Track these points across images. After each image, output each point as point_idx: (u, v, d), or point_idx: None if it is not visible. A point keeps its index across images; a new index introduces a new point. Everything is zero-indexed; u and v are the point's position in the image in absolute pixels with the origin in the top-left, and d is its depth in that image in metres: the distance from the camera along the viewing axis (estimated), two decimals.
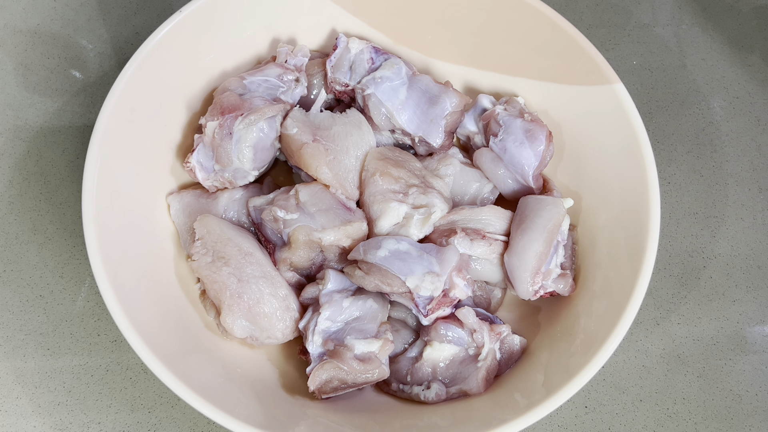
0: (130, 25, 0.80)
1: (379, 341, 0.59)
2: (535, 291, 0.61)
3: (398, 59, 0.67)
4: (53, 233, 0.70)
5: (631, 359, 0.68)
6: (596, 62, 0.63)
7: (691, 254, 0.72)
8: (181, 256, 0.65)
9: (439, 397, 0.60)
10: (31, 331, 0.66)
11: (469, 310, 0.61)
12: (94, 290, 0.68)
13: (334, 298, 0.60)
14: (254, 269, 0.61)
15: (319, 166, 0.64)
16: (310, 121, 0.65)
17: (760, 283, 0.71)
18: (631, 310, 0.55)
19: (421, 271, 0.59)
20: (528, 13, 0.65)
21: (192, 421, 0.64)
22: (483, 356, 0.60)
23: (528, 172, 0.65)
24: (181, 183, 0.68)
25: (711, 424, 0.66)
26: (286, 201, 0.63)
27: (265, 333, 0.60)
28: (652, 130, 0.78)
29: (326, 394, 0.58)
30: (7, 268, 0.69)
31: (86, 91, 0.76)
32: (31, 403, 0.64)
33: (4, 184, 0.72)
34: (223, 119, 0.62)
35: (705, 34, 0.83)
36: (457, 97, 0.65)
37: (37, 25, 0.79)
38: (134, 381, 0.65)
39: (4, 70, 0.77)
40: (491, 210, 0.64)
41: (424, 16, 0.69)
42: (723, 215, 0.74)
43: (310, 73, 0.69)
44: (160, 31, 0.61)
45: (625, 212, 0.61)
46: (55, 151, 0.73)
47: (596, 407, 0.66)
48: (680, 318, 0.70)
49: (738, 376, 0.68)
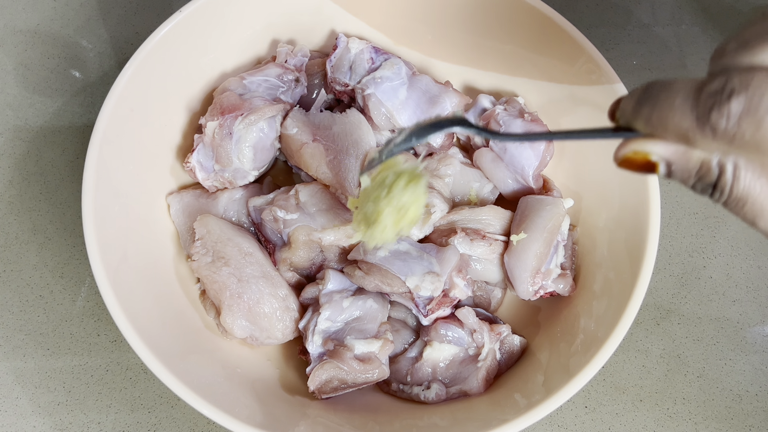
0: (130, 25, 0.80)
1: (379, 341, 0.59)
2: (535, 291, 0.61)
3: (398, 59, 0.67)
4: (53, 233, 0.70)
5: (631, 359, 0.68)
6: (596, 62, 0.63)
7: (691, 254, 0.72)
8: (181, 256, 0.65)
9: (439, 397, 0.60)
10: (31, 331, 0.66)
11: (469, 310, 0.61)
12: (94, 290, 0.68)
13: (334, 298, 0.60)
14: (254, 269, 0.61)
15: (319, 166, 0.64)
16: (310, 121, 0.65)
17: (760, 283, 0.71)
18: (631, 310, 0.55)
19: (421, 271, 0.59)
20: (528, 13, 0.65)
21: (192, 421, 0.64)
22: (483, 356, 0.60)
23: (528, 172, 0.65)
24: (181, 183, 0.68)
25: (711, 424, 0.66)
26: (286, 201, 0.63)
27: (265, 333, 0.60)
28: None
29: (326, 394, 0.58)
30: (7, 268, 0.69)
31: (86, 91, 0.76)
32: (30, 403, 0.64)
33: (4, 184, 0.72)
34: (223, 119, 0.62)
35: (705, 34, 0.83)
36: (457, 97, 0.65)
37: (37, 25, 0.79)
38: (134, 381, 0.65)
39: (4, 70, 0.77)
40: (491, 210, 0.64)
41: (424, 16, 0.69)
42: (723, 215, 0.74)
43: (310, 73, 0.69)
44: (160, 31, 0.61)
45: (625, 212, 0.61)
46: (55, 151, 0.73)
47: (596, 407, 0.66)
48: (680, 318, 0.70)
49: (738, 376, 0.68)
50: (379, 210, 0.51)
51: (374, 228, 0.52)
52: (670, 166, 0.37)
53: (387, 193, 0.52)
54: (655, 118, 0.36)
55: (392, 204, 0.51)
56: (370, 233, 0.52)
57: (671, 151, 0.37)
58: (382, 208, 0.51)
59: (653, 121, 0.36)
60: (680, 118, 0.34)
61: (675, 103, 0.35)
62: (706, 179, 0.36)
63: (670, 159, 0.37)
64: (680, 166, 0.37)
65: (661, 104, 0.35)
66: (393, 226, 0.51)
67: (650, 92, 0.36)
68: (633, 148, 0.38)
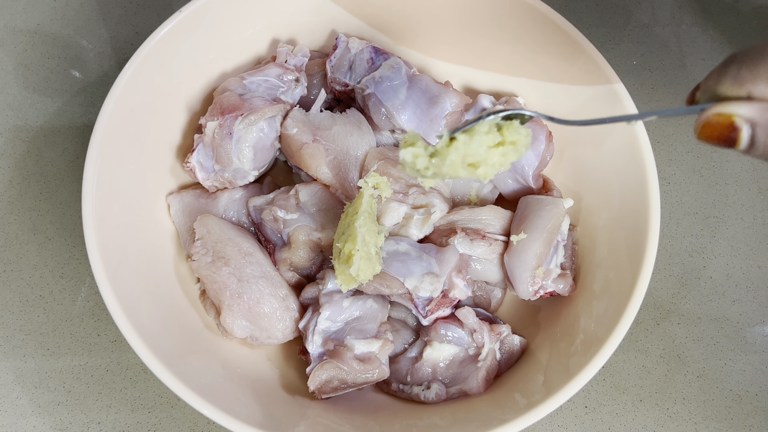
0: (130, 25, 0.80)
1: (379, 341, 0.59)
2: (535, 291, 0.61)
3: (398, 59, 0.67)
4: (53, 233, 0.70)
5: (631, 359, 0.68)
6: (596, 62, 0.63)
7: (691, 254, 0.72)
8: (181, 256, 0.65)
9: (439, 397, 0.60)
10: (31, 331, 0.66)
11: (469, 310, 0.61)
12: (94, 290, 0.68)
13: (334, 298, 0.60)
14: (254, 269, 0.61)
15: (319, 166, 0.64)
16: (310, 121, 0.65)
17: (760, 283, 0.71)
18: (631, 310, 0.55)
19: (420, 272, 0.59)
20: (528, 13, 0.65)
21: (192, 421, 0.64)
22: (483, 356, 0.60)
23: (528, 172, 0.65)
24: (181, 183, 0.68)
25: (711, 424, 0.66)
26: (286, 201, 0.63)
27: (265, 333, 0.60)
28: (652, 130, 0.78)
29: (326, 394, 0.58)
30: (7, 268, 0.69)
31: (86, 91, 0.76)
32: (30, 403, 0.64)
33: (4, 184, 0.72)
34: (223, 119, 0.62)
35: (705, 34, 0.83)
36: (457, 97, 0.65)
37: (37, 25, 0.79)
38: (134, 381, 0.65)
39: (4, 70, 0.77)
40: (491, 210, 0.64)
41: (424, 16, 0.69)
42: (723, 215, 0.74)
43: (310, 73, 0.69)
44: (160, 31, 0.61)
45: (625, 212, 0.61)
46: (54, 151, 0.73)
47: (596, 407, 0.66)
48: (680, 318, 0.70)
49: (738, 376, 0.68)
50: (348, 250, 0.54)
51: (347, 266, 0.54)
52: (754, 128, 0.36)
53: (348, 231, 0.54)
54: (745, 70, 0.35)
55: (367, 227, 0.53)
56: (342, 275, 0.55)
57: (756, 110, 0.36)
58: (347, 248, 0.54)
59: (743, 74, 0.36)
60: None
61: (766, 52, 0.35)
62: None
63: (755, 119, 0.36)
64: (765, 128, 0.36)
65: (750, 58, 0.35)
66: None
67: (735, 57, 0.36)
68: (717, 110, 0.37)
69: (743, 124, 0.36)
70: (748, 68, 0.35)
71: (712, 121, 0.37)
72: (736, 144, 0.37)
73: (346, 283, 0.56)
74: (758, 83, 0.35)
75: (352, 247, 0.54)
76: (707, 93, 0.38)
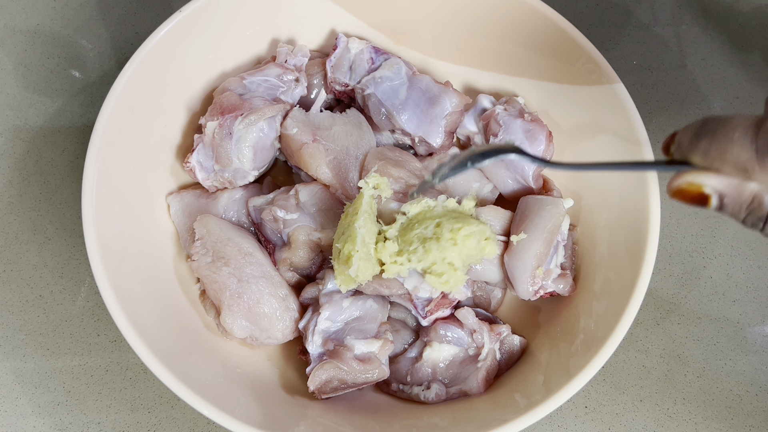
0: (130, 25, 0.80)
1: (379, 341, 0.59)
2: (535, 291, 0.61)
3: (398, 59, 0.67)
4: (53, 233, 0.70)
5: (631, 359, 0.68)
6: (596, 62, 0.63)
7: (691, 254, 0.72)
8: (181, 256, 0.65)
9: (439, 397, 0.60)
10: (31, 331, 0.66)
11: (469, 310, 0.61)
12: (93, 290, 0.68)
13: (334, 298, 0.60)
14: (254, 269, 0.61)
15: (319, 166, 0.64)
16: (310, 121, 0.65)
17: (760, 283, 0.71)
18: (631, 310, 0.55)
19: None
20: (528, 13, 0.65)
21: (192, 421, 0.64)
22: (483, 356, 0.60)
23: (528, 172, 0.65)
24: (181, 183, 0.68)
25: (711, 424, 0.66)
26: (286, 201, 0.63)
27: (265, 333, 0.60)
28: (652, 130, 0.77)
29: (326, 394, 0.58)
30: (7, 268, 0.69)
31: (86, 91, 0.76)
32: (30, 404, 0.64)
33: (4, 184, 0.72)
34: (223, 119, 0.62)
35: (705, 34, 0.83)
36: (457, 97, 0.65)
37: (37, 25, 0.79)
38: (134, 381, 0.65)
39: (4, 70, 0.77)
40: (491, 210, 0.64)
41: (424, 16, 0.69)
42: (723, 215, 0.74)
43: (310, 73, 0.69)
44: (160, 31, 0.61)
45: (625, 212, 0.61)
46: (54, 151, 0.73)
47: (596, 407, 0.66)
48: (680, 318, 0.70)
49: (738, 376, 0.68)
50: (348, 251, 0.54)
51: (346, 267, 0.55)
52: (722, 199, 0.39)
53: (348, 231, 0.55)
54: (714, 151, 0.37)
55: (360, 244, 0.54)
56: (342, 275, 0.56)
57: (725, 183, 0.38)
58: (347, 249, 0.54)
59: (711, 153, 0.38)
60: (739, 150, 0.36)
61: (734, 136, 0.36)
62: (757, 212, 0.38)
63: (723, 191, 0.39)
64: (732, 198, 0.38)
65: (720, 137, 0.37)
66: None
67: (708, 126, 0.38)
68: (687, 179, 0.40)
69: (713, 193, 0.39)
70: (717, 150, 0.38)
71: (683, 188, 0.40)
72: (707, 206, 0.40)
73: (346, 283, 0.56)
74: (725, 166, 0.38)
75: (351, 248, 0.54)
76: (680, 153, 0.41)
